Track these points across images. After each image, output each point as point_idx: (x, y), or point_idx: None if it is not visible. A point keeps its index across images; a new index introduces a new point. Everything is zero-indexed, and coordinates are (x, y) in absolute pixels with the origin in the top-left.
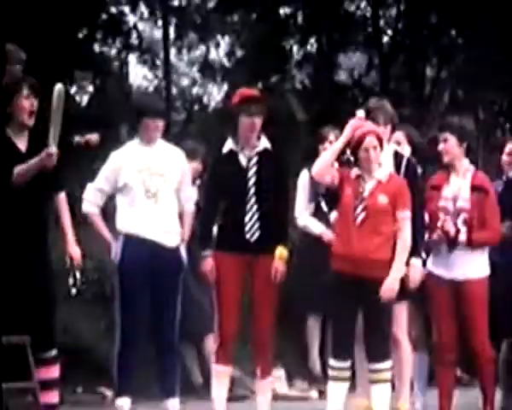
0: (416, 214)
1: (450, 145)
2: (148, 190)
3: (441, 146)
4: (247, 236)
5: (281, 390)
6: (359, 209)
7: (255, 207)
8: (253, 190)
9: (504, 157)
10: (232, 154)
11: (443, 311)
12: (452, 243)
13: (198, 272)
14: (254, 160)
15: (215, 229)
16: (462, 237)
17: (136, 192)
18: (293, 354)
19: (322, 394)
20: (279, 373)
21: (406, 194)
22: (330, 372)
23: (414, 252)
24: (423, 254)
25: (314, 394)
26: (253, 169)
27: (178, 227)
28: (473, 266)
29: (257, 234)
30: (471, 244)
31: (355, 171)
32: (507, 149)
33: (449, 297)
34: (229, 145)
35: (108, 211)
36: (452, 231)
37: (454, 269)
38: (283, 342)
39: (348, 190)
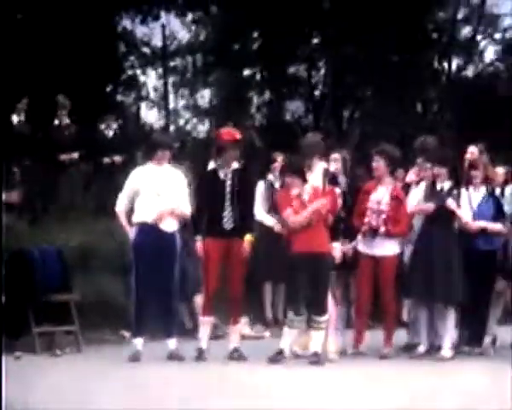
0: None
1: (380, 165)
2: (155, 195)
3: (374, 164)
4: (225, 226)
5: (245, 332)
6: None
7: (230, 206)
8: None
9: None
10: (214, 170)
11: (364, 277)
12: (374, 233)
13: (189, 251)
14: (229, 175)
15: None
16: (382, 229)
17: (148, 196)
18: (254, 307)
19: (272, 335)
20: (244, 320)
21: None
22: (288, 322)
23: (334, 238)
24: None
25: (267, 334)
26: (229, 181)
27: (175, 219)
28: (387, 247)
29: (231, 225)
30: (388, 235)
31: (295, 191)
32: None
33: (370, 268)
34: (211, 165)
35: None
36: (375, 226)
37: (375, 248)
38: (248, 299)
39: (296, 203)
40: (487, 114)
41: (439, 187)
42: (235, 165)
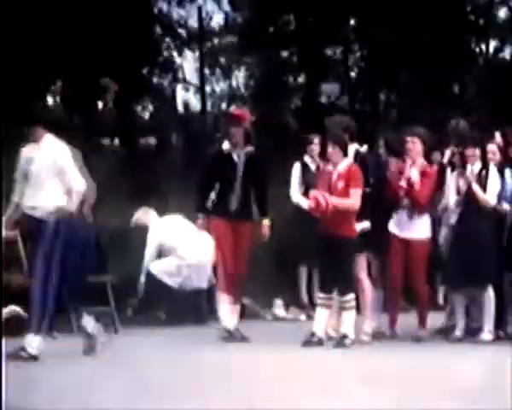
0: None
1: (414, 147)
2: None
3: (409, 146)
4: (233, 208)
5: (280, 314)
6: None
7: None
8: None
9: None
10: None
11: (396, 259)
12: (407, 212)
13: None
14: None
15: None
16: (411, 205)
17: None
18: (290, 289)
19: (308, 317)
20: (279, 302)
21: (357, 176)
22: (318, 301)
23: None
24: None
25: (303, 317)
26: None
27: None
28: (418, 230)
29: (239, 207)
30: (416, 210)
31: (328, 167)
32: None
33: (401, 250)
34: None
35: None
36: (406, 203)
37: (406, 231)
38: (283, 282)
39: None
40: None
41: (469, 170)
42: (249, 148)
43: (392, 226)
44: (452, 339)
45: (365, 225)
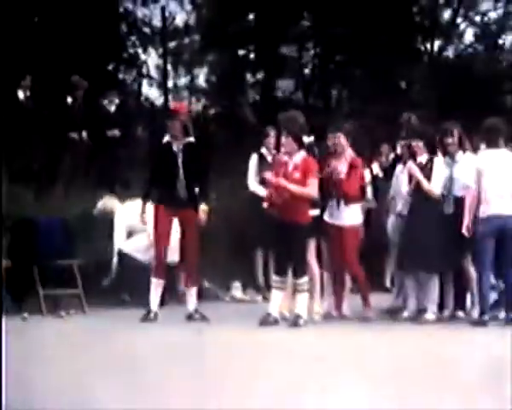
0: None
1: (339, 141)
2: None
3: (336, 141)
4: (176, 196)
5: (238, 296)
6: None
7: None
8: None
9: None
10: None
11: (334, 244)
12: (337, 203)
13: None
14: (181, 148)
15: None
16: (340, 197)
17: None
18: (247, 273)
19: (264, 299)
20: (237, 285)
21: (313, 166)
22: (273, 284)
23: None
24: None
25: (259, 299)
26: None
27: None
28: (348, 218)
29: (183, 195)
30: (345, 201)
31: (284, 158)
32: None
33: (336, 236)
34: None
35: None
36: (335, 195)
37: (337, 219)
38: (241, 265)
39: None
40: (466, 93)
41: (418, 161)
42: (189, 138)
43: (325, 215)
44: (400, 319)
45: (315, 212)
